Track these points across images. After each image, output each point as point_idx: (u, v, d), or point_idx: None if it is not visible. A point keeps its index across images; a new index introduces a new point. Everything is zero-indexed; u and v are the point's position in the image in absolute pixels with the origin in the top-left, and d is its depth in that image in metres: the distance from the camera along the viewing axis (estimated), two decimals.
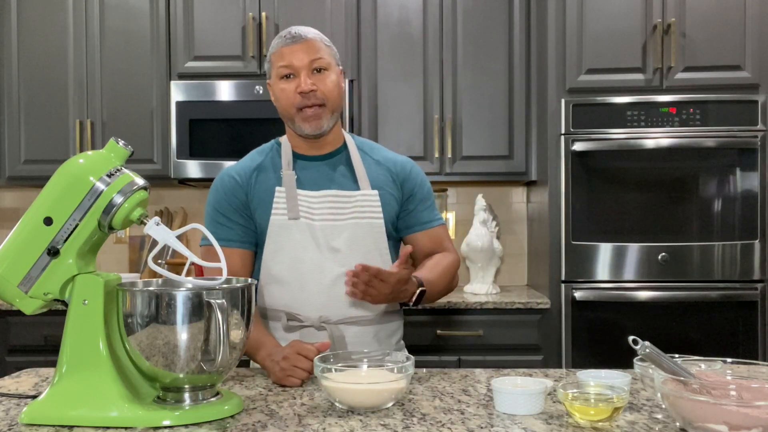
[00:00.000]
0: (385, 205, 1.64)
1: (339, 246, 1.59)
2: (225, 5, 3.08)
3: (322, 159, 1.67)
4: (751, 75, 2.75)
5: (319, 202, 1.61)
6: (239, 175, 1.65)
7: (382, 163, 1.70)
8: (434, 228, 1.72)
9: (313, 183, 1.63)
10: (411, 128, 3.09)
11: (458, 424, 1.11)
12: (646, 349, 1.08)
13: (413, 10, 3.09)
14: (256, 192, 1.63)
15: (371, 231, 1.62)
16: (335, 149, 1.68)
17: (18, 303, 1.17)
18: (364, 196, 1.63)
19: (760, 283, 2.71)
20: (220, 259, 1.17)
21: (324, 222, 1.60)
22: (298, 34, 1.60)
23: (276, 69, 1.61)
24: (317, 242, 1.59)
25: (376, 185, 1.65)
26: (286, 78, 1.60)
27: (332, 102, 1.61)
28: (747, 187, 2.72)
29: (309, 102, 1.58)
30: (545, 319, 2.78)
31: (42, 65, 3.15)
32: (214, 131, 3.03)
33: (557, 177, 2.77)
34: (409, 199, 1.70)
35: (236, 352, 1.16)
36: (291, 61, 1.58)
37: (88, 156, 1.17)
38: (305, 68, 1.58)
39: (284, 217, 1.59)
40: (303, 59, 1.57)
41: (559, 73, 2.81)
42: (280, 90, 1.61)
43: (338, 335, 1.58)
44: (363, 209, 1.62)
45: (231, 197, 1.63)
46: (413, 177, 1.72)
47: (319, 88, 1.58)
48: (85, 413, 1.10)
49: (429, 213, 1.73)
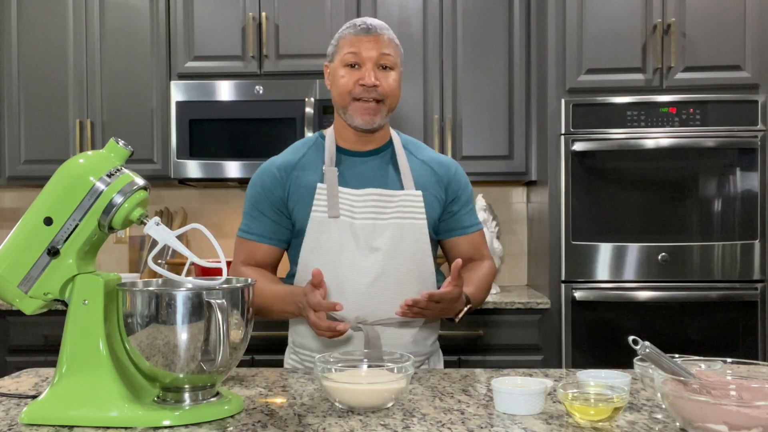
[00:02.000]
0: (428, 206, 1.62)
1: (379, 246, 1.56)
2: (225, 5, 3.08)
3: (367, 155, 1.64)
4: (751, 75, 2.75)
5: (361, 200, 1.58)
6: (280, 170, 1.63)
7: (426, 163, 1.67)
8: (474, 233, 1.71)
9: (356, 180, 1.61)
10: (411, 128, 3.09)
11: (458, 424, 1.11)
12: (646, 349, 1.08)
13: (413, 10, 3.09)
14: (296, 188, 1.61)
15: (413, 232, 1.59)
16: (381, 146, 1.66)
17: (18, 303, 1.17)
18: (408, 197, 1.60)
19: (760, 283, 2.71)
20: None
21: (365, 221, 1.57)
22: (373, 26, 1.59)
23: (342, 54, 1.59)
24: (357, 241, 1.56)
25: (420, 185, 1.63)
26: (350, 66, 1.58)
27: (391, 101, 1.60)
28: (747, 187, 2.72)
29: (369, 95, 1.56)
30: (545, 319, 2.78)
31: (42, 65, 3.15)
32: (214, 131, 3.03)
33: (557, 177, 2.77)
34: (453, 202, 1.68)
35: (236, 352, 1.15)
36: (360, 51, 1.56)
37: (88, 156, 1.17)
38: (372, 61, 1.56)
39: (324, 215, 1.57)
40: (372, 52, 1.56)
41: (559, 73, 2.81)
42: (341, 76, 1.58)
43: (374, 336, 1.55)
44: (406, 209, 1.59)
45: (269, 193, 1.62)
46: (458, 179, 1.69)
47: (382, 84, 1.57)
48: (85, 413, 1.10)
49: (470, 217, 1.71)
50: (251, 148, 3.00)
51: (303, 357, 1.67)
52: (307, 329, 1.63)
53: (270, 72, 3.07)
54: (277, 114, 3.00)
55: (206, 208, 3.47)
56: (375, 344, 1.54)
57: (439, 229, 1.69)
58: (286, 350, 1.76)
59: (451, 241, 1.69)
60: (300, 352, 1.68)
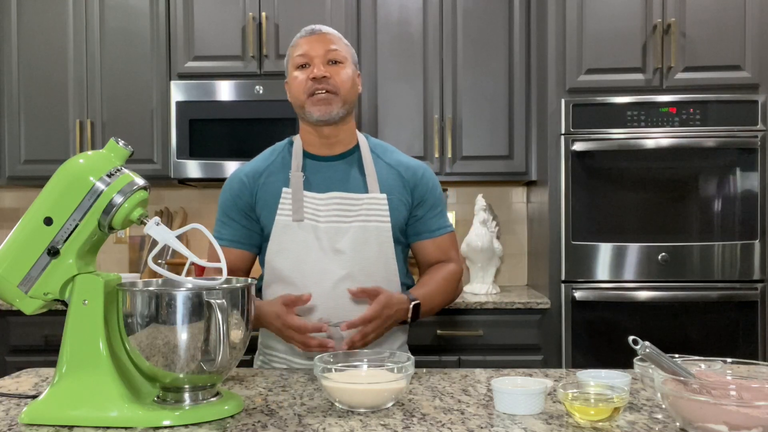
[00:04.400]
0: (393, 209, 1.63)
1: (343, 248, 1.58)
2: (225, 5, 3.08)
3: (333, 159, 1.66)
4: (751, 75, 2.75)
5: (325, 204, 1.61)
6: (248, 176, 1.66)
7: (393, 166, 1.69)
8: (442, 236, 1.71)
9: (321, 184, 1.63)
10: (411, 128, 3.09)
11: (458, 424, 1.11)
12: (646, 349, 1.08)
13: (413, 10, 3.09)
14: (263, 193, 1.64)
15: (377, 235, 1.61)
16: (347, 150, 1.68)
17: (18, 303, 1.17)
18: (372, 200, 1.61)
19: (760, 283, 2.71)
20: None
21: (329, 224, 1.59)
22: (318, 28, 1.64)
23: (292, 60, 1.63)
24: (321, 244, 1.59)
25: (386, 189, 1.64)
26: (301, 68, 1.61)
27: (345, 93, 1.61)
28: (747, 187, 2.72)
29: (321, 86, 1.58)
30: (545, 319, 2.78)
31: (42, 65, 3.15)
32: (214, 131, 3.03)
33: (557, 177, 2.77)
34: (419, 205, 1.69)
35: (236, 352, 1.15)
36: (307, 51, 1.60)
37: (88, 156, 1.17)
38: (320, 57, 1.59)
39: (288, 218, 1.60)
40: (318, 49, 1.60)
41: (559, 73, 2.81)
42: (294, 78, 1.62)
43: (339, 337, 1.58)
44: (370, 213, 1.61)
45: (237, 199, 1.66)
46: (425, 182, 1.69)
47: (333, 77, 1.59)
48: (85, 413, 1.10)
49: (438, 220, 1.71)
50: (251, 148, 2.99)
51: (270, 358, 1.70)
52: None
53: (270, 72, 3.07)
54: (277, 114, 3.00)
55: (206, 208, 3.47)
56: (341, 345, 1.56)
57: (408, 232, 1.70)
58: (256, 352, 1.78)
59: (418, 244, 1.71)
60: (267, 353, 1.71)
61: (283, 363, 1.67)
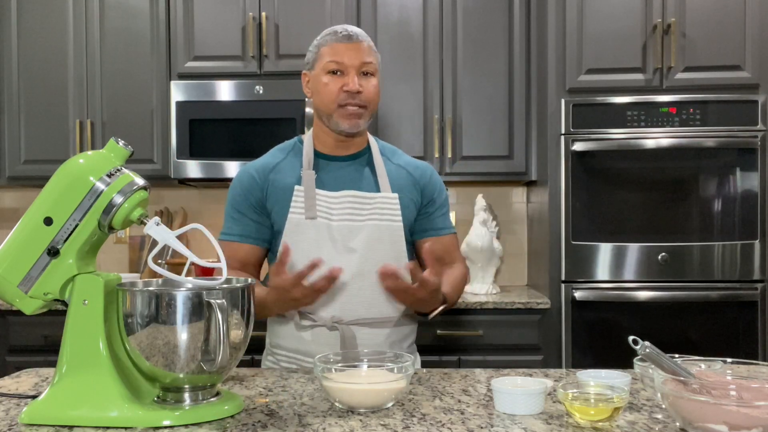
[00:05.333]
0: (404, 208, 1.65)
1: (356, 246, 1.59)
2: (225, 5, 3.08)
3: (345, 160, 1.68)
4: (751, 75, 2.75)
5: (338, 202, 1.61)
6: (258, 172, 1.66)
7: (403, 167, 1.71)
8: (447, 236, 1.74)
9: (333, 183, 1.64)
10: (411, 128, 3.09)
11: (458, 424, 1.11)
12: (646, 349, 1.08)
13: (413, 10, 3.09)
14: (274, 189, 1.64)
15: (390, 233, 1.62)
16: (359, 151, 1.70)
17: (18, 303, 1.17)
18: (385, 199, 1.63)
19: (760, 283, 2.71)
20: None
21: (342, 222, 1.60)
22: (354, 33, 1.62)
23: (324, 62, 1.61)
24: (333, 242, 1.59)
25: (397, 189, 1.66)
26: (332, 73, 1.61)
27: (372, 106, 1.64)
28: (747, 187, 2.72)
29: (353, 101, 1.59)
30: (545, 319, 2.78)
31: (42, 65, 3.15)
32: (214, 131, 3.03)
33: (557, 177, 2.77)
34: (428, 204, 1.71)
35: (236, 352, 1.15)
36: (343, 59, 1.59)
37: (88, 156, 1.17)
38: (355, 68, 1.59)
39: (301, 216, 1.60)
40: (354, 60, 1.59)
41: (559, 73, 2.81)
42: (324, 84, 1.61)
43: (350, 336, 1.58)
44: (383, 211, 1.62)
45: (248, 194, 1.65)
46: (434, 182, 1.74)
47: (365, 91, 1.60)
48: (85, 413, 1.10)
49: (443, 220, 1.75)
50: (251, 148, 3.00)
51: (279, 357, 1.70)
52: (283, 329, 1.67)
53: (270, 72, 3.07)
54: (277, 114, 3.00)
55: (206, 208, 3.47)
56: (351, 344, 1.57)
57: (414, 229, 1.72)
58: (264, 352, 1.78)
59: (423, 241, 1.72)
60: (276, 353, 1.71)
61: (292, 363, 1.67)
